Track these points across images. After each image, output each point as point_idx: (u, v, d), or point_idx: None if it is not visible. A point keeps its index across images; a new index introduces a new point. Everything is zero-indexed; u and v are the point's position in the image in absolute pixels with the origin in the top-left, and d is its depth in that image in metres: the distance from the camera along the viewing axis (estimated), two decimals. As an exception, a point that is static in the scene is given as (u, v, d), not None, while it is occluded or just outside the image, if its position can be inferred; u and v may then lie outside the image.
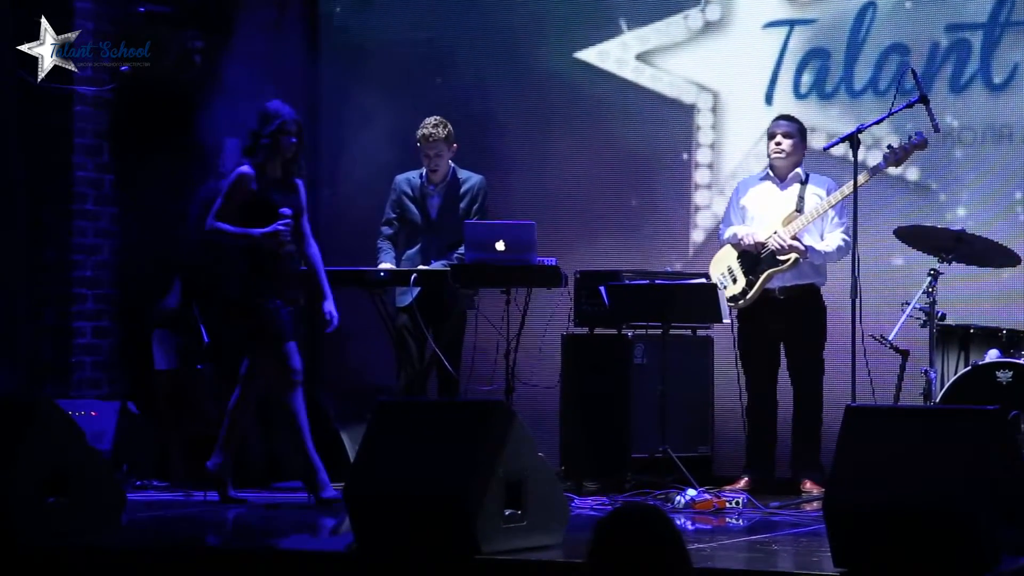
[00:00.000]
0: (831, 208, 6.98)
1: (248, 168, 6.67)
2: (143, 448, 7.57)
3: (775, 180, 7.15)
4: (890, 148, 6.86)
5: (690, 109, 8.01)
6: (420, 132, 7.35)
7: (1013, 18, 7.42)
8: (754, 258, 7.04)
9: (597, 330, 7.39)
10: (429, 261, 7.35)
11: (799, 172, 7.12)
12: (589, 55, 8.19)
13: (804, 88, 7.79)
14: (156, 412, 7.89)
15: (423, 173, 7.46)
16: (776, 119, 7.19)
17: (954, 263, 6.70)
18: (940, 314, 6.56)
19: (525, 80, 8.29)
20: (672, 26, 8.07)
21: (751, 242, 7.01)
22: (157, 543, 5.69)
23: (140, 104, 8.11)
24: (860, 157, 6.58)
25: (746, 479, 7.02)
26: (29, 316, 8.01)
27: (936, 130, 6.66)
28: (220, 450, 6.72)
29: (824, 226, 7.07)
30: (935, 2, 7.58)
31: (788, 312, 7.02)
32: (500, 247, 6.90)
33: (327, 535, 6.09)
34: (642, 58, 8.13)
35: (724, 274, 7.11)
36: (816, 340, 7.05)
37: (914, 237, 6.79)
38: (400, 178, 7.51)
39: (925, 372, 6.49)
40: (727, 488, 6.82)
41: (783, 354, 7.11)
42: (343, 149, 8.51)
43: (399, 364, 7.37)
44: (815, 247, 7.00)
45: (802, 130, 7.16)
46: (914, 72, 6.70)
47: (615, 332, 7.31)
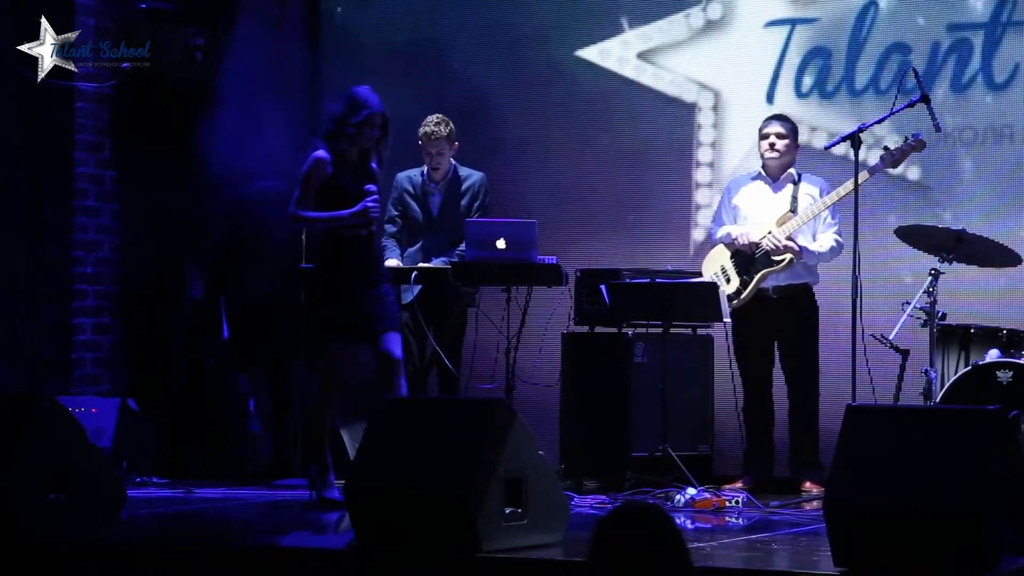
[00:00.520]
0: (825, 209, 6.98)
1: (324, 152, 6.49)
2: (143, 445, 7.58)
3: (767, 180, 7.15)
4: (886, 149, 6.87)
5: (691, 108, 8.02)
6: (422, 130, 7.35)
7: (1015, 18, 7.43)
8: (748, 258, 7.04)
9: (598, 329, 7.39)
10: (430, 259, 7.35)
11: (792, 172, 7.13)
12: (590, 53, 8.20)
13: (805, 87, 7.79)
14: (164, 404, 7.91)
15: (424, 171, 7.46)
16: (769, 119, 7.19)
17: (955, 263, 6.70)
18: (940, 314, 6.56)
19: (526, 78, 8.29)
20: (674, 24, 8.07)
21: (745, 242, 7.02)
22: (157, 540, 5.69)
23: (141, 101, 8.12)
24: (861, 157, 6.58)
25: (746, 478, 7.03)
26: (30, 313, 8.01)
27: (937, 129, 6.67)
28: (311, 454, 6.62)
29: (817, 226, 7.08)
30: (937, 2, 7.58)
31: (782, 311, 7.03)
32: (501, 245, 6.90)
33: (328, 533, 6.09)
34: (643, 56, 8.13)
35: (717, 274, 7.12)
36: (810, 339, 7.06)
37: (915, 237, 6.79)
38: (401, 176, 7.51)
39: (925, 372, 6.50)
40: (727, 487, 6.82)
41: (777, 353, 7.11)
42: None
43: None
44: (809, 247, 7.01)
45: (795, 130, 7.17)
46: (915, 71, 6.70)
47: (615, 331, 7.31)
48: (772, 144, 7.07)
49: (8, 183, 7.86)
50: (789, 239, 6.97)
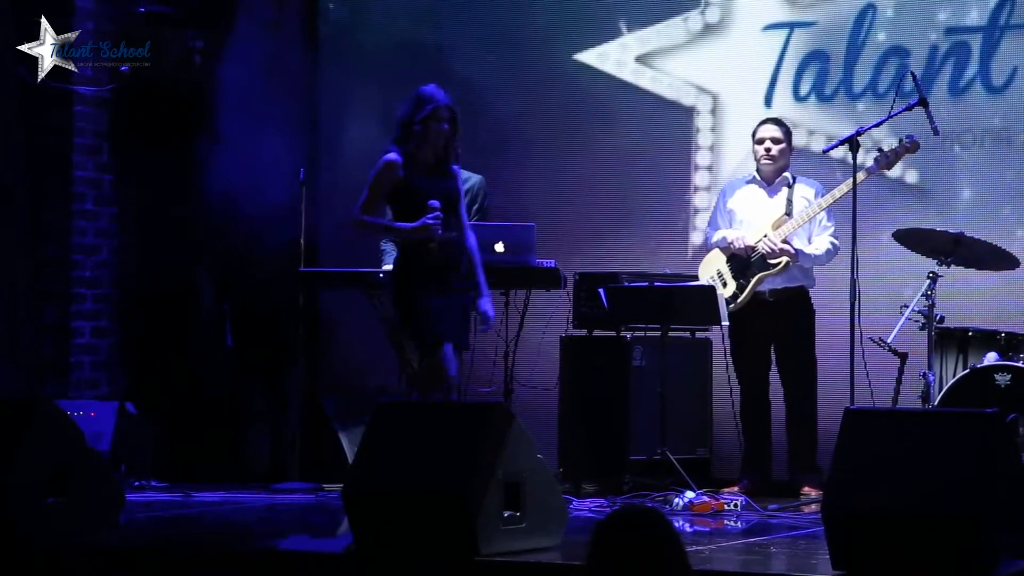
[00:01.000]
0: (821, 211, 6.98)
1: (395, 155, 6.29)
2: (142, 448, 7.58)
3: (762, 184, 7.16)
4: (880, 151, 6.87)
5: (689, 111, 8.02)
6: (423, 135, 7.34)
7: (1012, 21, 7.43)
8: (744, 262, 7.04)
9: (596, 332, 7.39)
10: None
11: (787, 175, 7.13)
12: (589, 57, 8.20)
13: (803, 90, 7.80)
14: (162, 408, 7.91)
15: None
16: (763, 123, 7.19)
17: (953, 266, 6.71)
18: (939, 317, 6.57)
19: (524, 81, 8.30)
20: (672, 28, 8.08)
21: (741, 246, 7.02)
22: (156, 543, 5.69)
23: (140, 104, 8.12)
24: (859, 160, 6.59)
25: (744, 481, 7.03)
26: (29, 316, 8.01)
27: (935, 133, 6.67)
28: None
29: (812, 229, 7.08)
30: (935, 5, 7.59)
31: (778, 315, 7.04)
32: (499, 248, 6.91)
33: (326, 536, 6.09)
34: (642, 60, 8.14)
35: (713, 277, 7.12)
36: (807, 342, 7.06)
37: (913, 240, 6.80)
38: (400, 179, 7.50)
39: (924, 375, 6.50)
40: (725, 490, 6.83)
41: (774, 357, 7.12)
42: (342, 149, 8.52)
43: (399, 365, 7.37)
44: (804, 250, 7.01)
45: (789, 133, 7.18)
46: (913, 75, 6.71)
47: (614, 334, 7.31)
48: (768, 149, 7.07)
49: (8, 185, 7.87)
50: (784, 242, 6.97)
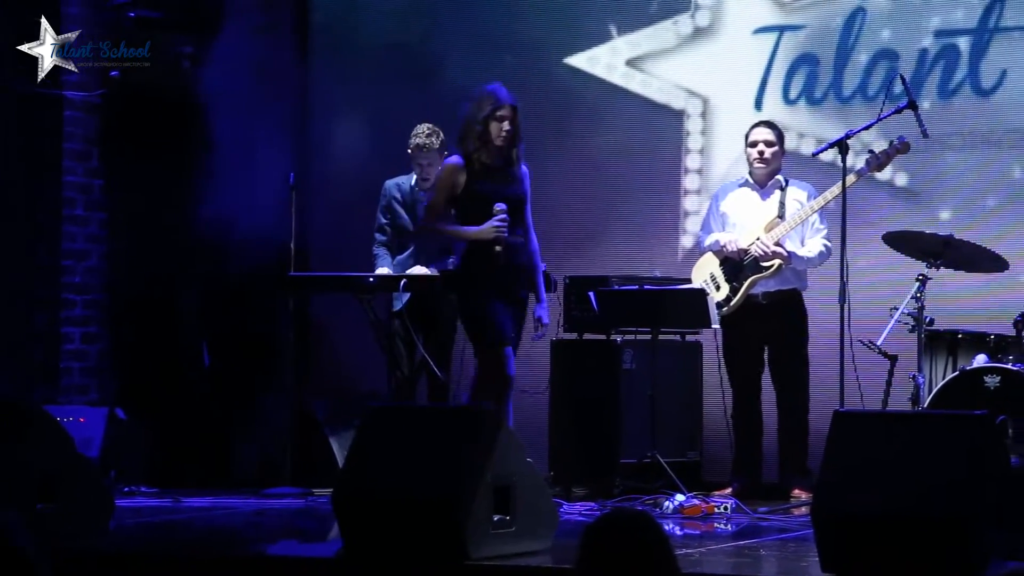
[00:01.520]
0: (814, 213, 6.99)
1: (457, 158, 6.23)
2: (131, 454, 7.57)
3: (755, 187, 7.16)
4: (871, 153, 6.87)
5: (679, 115, 8.02)
6: (413, 141, 7.34)
7: (1001, 24, 7.44)
8: (737, 265, 7.04)
9: (586, 335, 7.39)
10: (419, 266, 7.35)
11: (779, 178, 7.14)
12: (579, 60, 8.21)
13: (793, 94, 7.81)
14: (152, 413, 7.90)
15: (413, 178, 7.46)
16: (756, 126, 7.19)
17: (942, 268, 6.72)
18: (928, 319, 6.58)
19: (514, 85, 8.22)
20: (662, 32, 8.09)
21: (734, 249, 7.02)
22: (145, 549, 5.68)
23: (130, 109, 8.11)
24: (848, 163, 6.59)
25: (734, 484, 7.03)
26: (22, 320, 8.00)
27: (925, 135, 6.68)
28: None
29: (805, 231, 7.08)
30: (924, 8, 7.60)
31: (771, 317, 7.04)
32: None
33: (316, 541, 6.08)
34: (632, 64, 8.14)
35: (707, 281, 7.12)
36: (800, 344, 7.06)
37: (902, 242, 6.81)
38: (389, 183, 7.51)
39: (913, 377, 6.51)
40: (716, 493, 6.83)
41: (767, 359, 7.12)
42: (333, 153, 8.52)
43: (389, 369, 7.37)
44: (797, 253, 7.02)
45: (781, 136, 7.18)
46: (903, 78, 6.71)
47: (604, 337, 7.31)
48: (761, 152, 7.07)
49: (4, 191, 7.86)
50: (777, 245, 6.98)
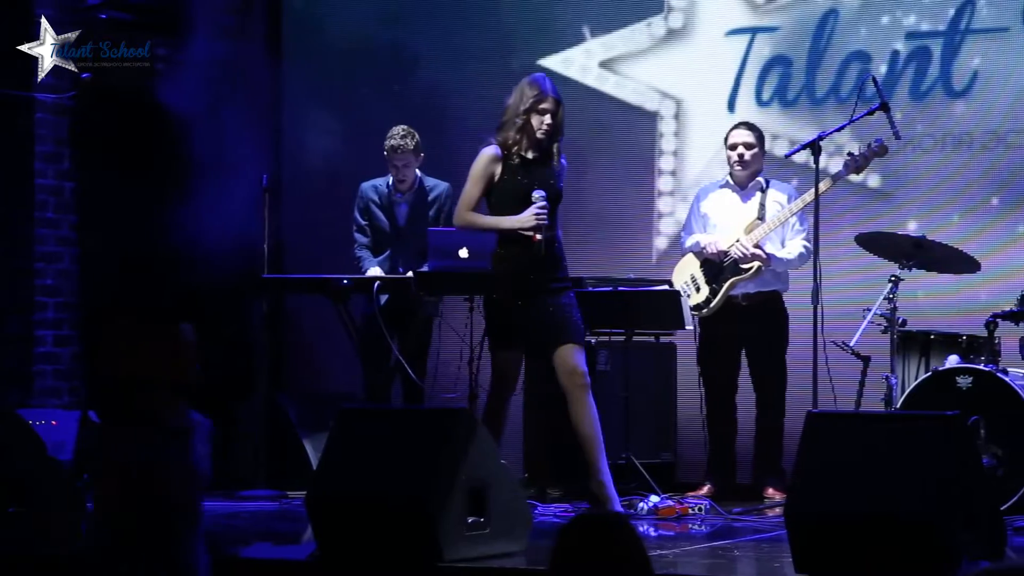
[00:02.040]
0: (793, 215, 7.00)
1: (494, 148, 6.07)
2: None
3: (735, 188, 7.17)
4: (850, 155, 6.89)
5: (653, 116, 8.03)
6: (388, 143, 7.33)
7: (973, 25, 7.48)
8: (717, 266, 7.05)
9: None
10: (397, 269, 7.35)
11: (759, 180, 7.14)
12: (553, 62, 8.21)
13: (766, 95, 7.83)
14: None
15: (389, 181, 7.45)
16: (736, 127, 7.19)
17: (915, 269, 6.74)
18: (901, 320, 6.60)
19: (489, 86, 8.29)
20: (635, 33, 8.10)
21: (714, 251, 7.03)
22: (118, 552, 5.64)
23: (101, 111, 8.08)
24: (822, 164, 6.61)
25: (708, 485, 7.04)
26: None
27: (897, 137, 6.70)
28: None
29: (785, 233, 7.09)
30: (896, 10, 7.63)
31: (751, 319, 7.04)
32: (463, 254, 6.89)
33: (290, 543, 6.07)
34: (606, 65, 8.15)
35: (687, 283, 7.12)
36: (779, 346, 7.07)
37: (875, 243, 6.83)
38: (366, 186, 7.50)
39: (886, 378, 6.53)
40: (690, 494, 6.84)
41: (744, 360, 7.14)
42: (306, 155, 8.50)
43: (364, 371, 7.36)
44: (777, 255, 7.02)
45: (761, 138, 7.19)
46: (875, 79, 6.73)
47: (578, 339, 7.31)
48: (741, 155, 7.07)
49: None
50: (757, 247, 6.98)
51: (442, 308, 7.36)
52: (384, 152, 7.37)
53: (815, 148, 6.56)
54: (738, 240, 7.00)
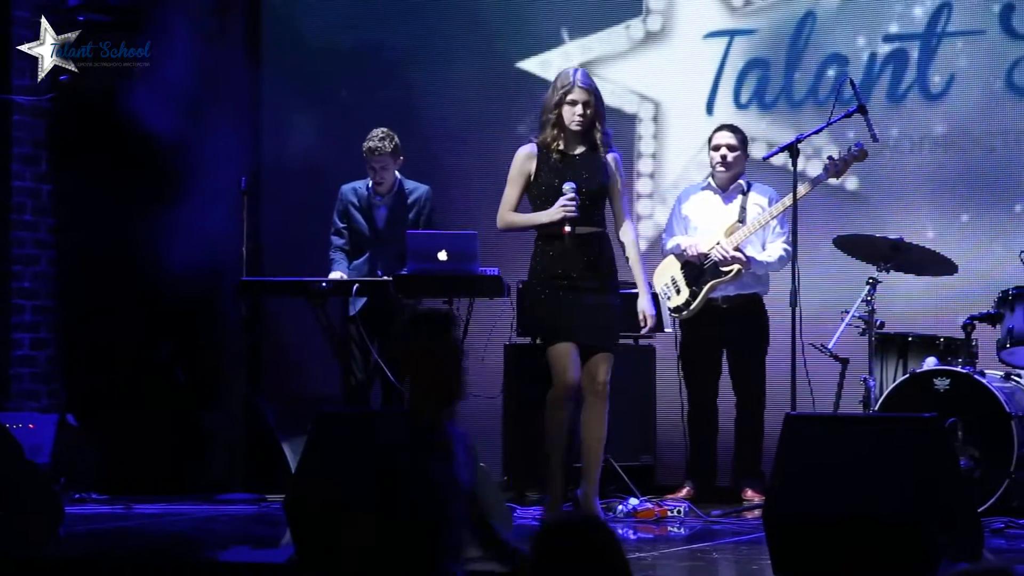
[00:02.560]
0: (773, 219, 7.01)
1: (530, 146, 6.00)
2: (82, 461, 7.51)
3: (717, 190, 7.18)
4: (830, 159, 6.90)
5: (631, 119, 8.04)
6: (366, 145, 7.32)
7: (950, 28, 7.50)
8: (697, 269, 7.06)
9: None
10: (376, 271, 7.34)
11: (741, 183, 7.16)
12: (531, 64, 8.21)
13: (745, 98, 7.84)
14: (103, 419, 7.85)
15: (369, 183, 7.44)
16: (719, 129, 7.20)
17: (892, 271, 6.76)
18: (879, 322, 6.62)
19: (467, 89, 8.30)
20: (614, 36, 8.10)
21: (695, 253, 7.04)
22: (95, 556, 5.63)
23: (79, 114, 8.05)
24: (800, 167, 6.62)
25: (688, 488, 7.04)
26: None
27: (874, 139, 6.72)
28: (546, 481, 6.06)
29: (766, 236, 7.10)
30: (873, 13, 7.65)
31: (731, 321, 7.05)
32: (442, 257, 6.90)
33: (268, 547, 6.05)
34: (584, 68, 8.14)
35: (668, 284, 7.13)
36: (759, 349, 7.08)
37: (853, 246, 6.84)
38: (346, 188, 7.49)
39: (864, 380, 6.54)
40: (669, 497, 6.84)
41: (725, 363, 7.14)
42: (286, 158, 8.48)
43: (343, 374, 7.35)
44: (757, 258, 7.03)
45: (744, 140, 7.20)
46: (852, 82, 6.75)
47: (557, 341, 7.30)
48: (724, 157, 7.08)
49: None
50: (737, 249, 6.99)
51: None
52: (363, 155, 7.36)
53: (793, 150, 6.57)
54: (719, 243, 7.00)
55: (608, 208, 6.14)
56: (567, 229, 5.91)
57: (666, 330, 7.05)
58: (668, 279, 7.14)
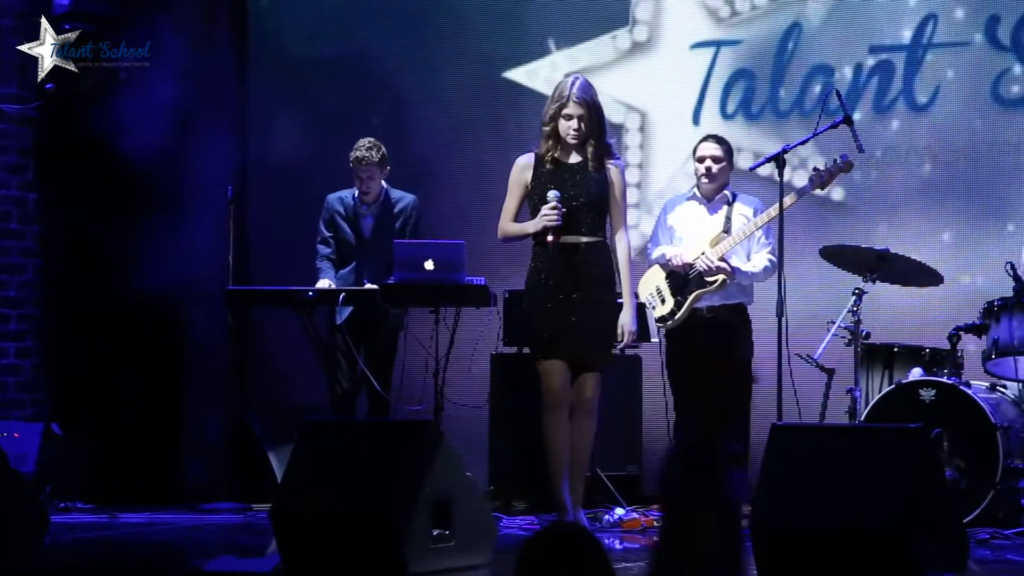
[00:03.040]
0: (758, 229, 7.02)
1: (524, 157, 6.01)
2: (67, 470, 7.49)
3: (702, 200, 7.19)
4: (816, 170, 6.91)
5: (618, 129, 8.04)
6: (353, 155, 7.32)
7: (935, 40, 7.53)
8: (682, 279, 7.06)
9: (526, 349, 7.38)
10: (362, 281, 7.34)
11: (726, 193, 7.17)
12: (518, 74, 8.22)
13: (731, 108, 7.86)
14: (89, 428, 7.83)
15: (356, 192, 7.44)
16: (704, 140, 7.20)
17: (878, 282, 6.78)
18: (865, 333, 6.63)
19: (454, 98, 8.30)
20: (600, 46, 8.12)
21: (680, 263, 7.04)
22: (80, 566, 5.62)
23: (66, 122, 8.04)
24: (786, 177, 6.62)
25: (674, 498, 7.04)
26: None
27: (860, 150, 6.73)
28: (549, 496, 6.06)
29: (751, 246, 7.11)
30: (859, 24, 7.68)
31: (716, 331, 7.06)
32: (429, 266, 6.89)
33: (254, 556, 6.05)
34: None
35: (653, 294, 7.13)
36: (744, 359, 7.09)
37: (839, 257, 6.86)
38: (332, 197, 7.49)
39: (850, 391, 6.55)
40: (655, 507, 6.84)
41: (711, 373, 7.14)
42: (272, 166, 8.48)
43: (329, 384, 7.35)
44: (742, 268, 7.04)
45: (730, 151, 7.20)
46: (838, 93, 6.76)
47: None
48: (709, 168, 7.09)
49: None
50: (722, 259, 7.00)
51: (407, 320, 7.36)
52: (350, 164, 7.36)
53: (779, 161, 6.58)
54: (704, 253, 7.01)
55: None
56: (550, 238, 5.94)
57: (652, 340, 7.05)
58: (653, 289, 7.14)
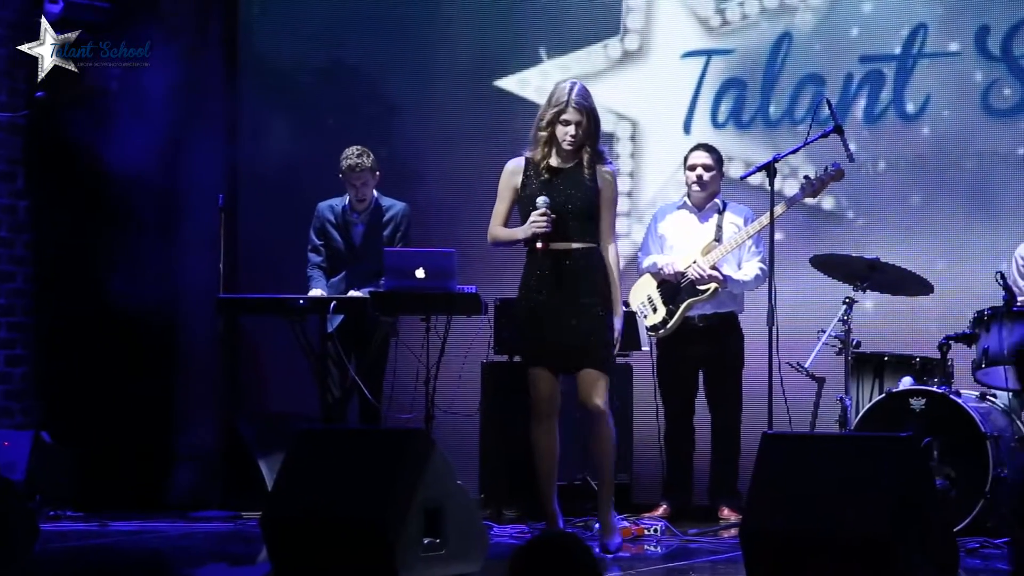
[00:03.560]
0: (749, 238, 7.04)
1: (513, 161, 5.94)
2: (57, 478, 7.47)
3: (693, 209, 7.20)
4: (807, 179, 6.93)
5: (609, 138, 8.06)
6: (344, 162, 7.33)
7: (925, 50, 7.55)
8: (674, 287, 7.08)
9: (517, 358, 7.39)
10: (353, 289, 7.33)
11: (717, 202, 7.18)
12: (510, 83, 8.23)
13: (721, 117, 7.87)
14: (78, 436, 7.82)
15: (346, 201, 7.45)
16: (695, 149, 7.23)
17: (869, 291, 6.79)
18: (855, 342, 6.64)
19: (446, 107, 8.31)
20: (592, 55, 8.13)
21: (671, 272, 7.05)
22: (71, 574, 5.61)
23: (55, 130, 8.04)
24: (777, 186, 6.64)
25: (664, 506, 7.05)
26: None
27: (850, 159, 6.75)
28: (541, 507, 6.01)
29: (742, 255, 7.13)
30: (849, 34, 7.70)
31: (707, 340, 7.07)
32: (420, 274, 6.89)
33: (244, 565, 6.04)
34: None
35: (644, 303, 7.14)
36: (735, 367, 7.10)
37: (829, 265, 6.87)
38: (322, 205, 7.49)
39: (840, 399, 6.56)
40: (645, 515, 6.85)
41: (701, 381, 7.16)
42: (263, 174, 8.48)
43: (320, 392, 7.34)
44: (733, 276, 7.06)
45: (720, 160, 7.22)
46: (829, 102, 6.79)
47: (535, 359, 7.30)
48: (700, 177, 7.10)
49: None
50: (713, 268, 7.01)
51: (398, 328, 7.36)
52: (340, 173, 7.36)
53: (770, 170, 6.59)
54: (695, 261, 7.02)
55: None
56: (539, 245, 5.90)
57: (643, 348, 7.06)
58: (644, 297, 7.15)
